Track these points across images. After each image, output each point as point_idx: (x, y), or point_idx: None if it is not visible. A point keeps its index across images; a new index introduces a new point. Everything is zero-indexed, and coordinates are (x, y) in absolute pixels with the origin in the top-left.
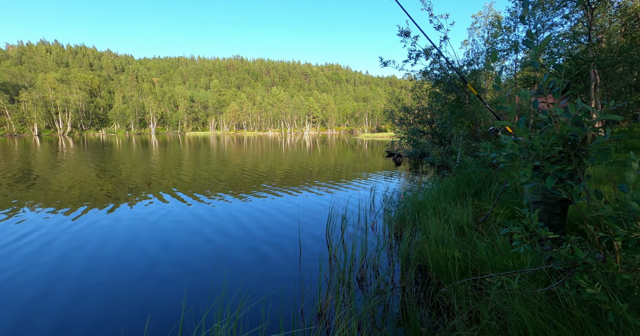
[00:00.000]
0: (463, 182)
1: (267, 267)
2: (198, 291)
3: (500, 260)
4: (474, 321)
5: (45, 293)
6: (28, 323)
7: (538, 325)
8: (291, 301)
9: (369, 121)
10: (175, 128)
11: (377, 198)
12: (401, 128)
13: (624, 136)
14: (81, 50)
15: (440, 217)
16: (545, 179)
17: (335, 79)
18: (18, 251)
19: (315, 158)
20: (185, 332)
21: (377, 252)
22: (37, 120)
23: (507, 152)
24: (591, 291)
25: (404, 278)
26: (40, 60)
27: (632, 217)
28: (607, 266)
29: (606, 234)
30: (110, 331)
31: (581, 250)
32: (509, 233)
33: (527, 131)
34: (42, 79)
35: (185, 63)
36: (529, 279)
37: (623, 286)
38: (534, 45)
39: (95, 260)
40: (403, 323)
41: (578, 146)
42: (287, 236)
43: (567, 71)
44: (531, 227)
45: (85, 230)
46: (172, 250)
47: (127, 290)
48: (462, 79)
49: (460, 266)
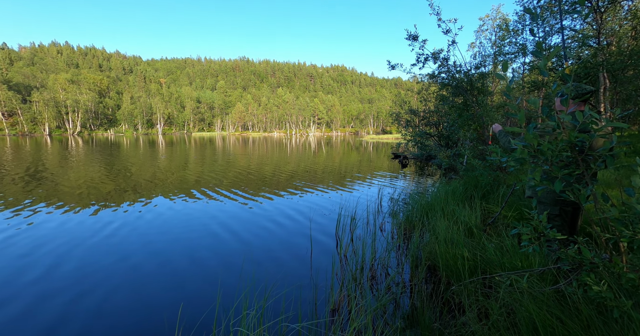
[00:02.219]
0: (471, 184)
1: (281, 266)
2: (229, 284)
3: (509, 260)
4: (484, 317)
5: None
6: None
7: (546, 320)
8: (306, 297)
9: (374, 123)
10: (181, 129)
11: (385, 199)
12: (407, 130)
13: (629, 142)
14: (91, 52)
15: (449, 218)
16: (554, 183)
17: (340, 81)
18: (101, 240)
19: (320, 160)
20: (219, 317)
21: (386, 252)
22: (48, 120)
23: (517, 157)
24: (597, 289)
25: (414, 277)
26: (52, 61)
27: (638, 220)
28: (613, 266)
29: (612, 236)
30: (155, 313)
31: (588, 251)
32: (518, 234)
33: (536, 137)
34: (53, 79)
35: (192, 64)
36: (537, 278)
37: (628, 284)
38: (543, 55)
39: (144, 247)
40: (414, 319)
41: (585, 151)
42: (299, 235)
43: (575, 75)
44: (540, 228)
45: (135, 222)
46: (204, 245)
47: (169, 277)
48: (470, 83)
49: (470, 266)
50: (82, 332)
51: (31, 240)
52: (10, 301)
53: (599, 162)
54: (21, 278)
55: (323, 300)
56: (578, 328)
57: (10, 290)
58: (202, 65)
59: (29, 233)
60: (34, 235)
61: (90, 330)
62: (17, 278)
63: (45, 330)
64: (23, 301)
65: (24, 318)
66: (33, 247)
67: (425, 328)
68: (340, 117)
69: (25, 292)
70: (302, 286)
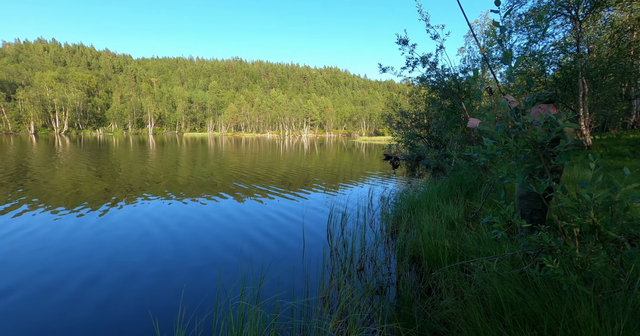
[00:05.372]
0: (456, 183)
1: (276, 255)
2: (229, 265)
3: (484, 249)
4: (460, 298)
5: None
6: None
7: (508, 295)
8: (300, 283)
9: (367, 124)
10: (173, 129)
11: (375, 198)
12: (399, 131)
13: (580, 141)
14: (79, 49)
15: (433, 213)
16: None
17: (333, 82)
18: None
19: (314, 161)
20: (222, 290)
21: (374, 246)
22: (34, 119)
23: (487, 152)
24: (551, 267)
25: (400, 266)
26: (38, 59)
27: (586, 208)
28: (566, 248)
29: (568, 223)
30: (176, 282)
31: (547, 236)
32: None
33: (504, 135)
34: (39, 77)
35: (184, 64)
36: (508, 264)
37: (578, 264)
38: (510, 63)
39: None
40: (400, 302)
41: (546, 148)
42: (292, 230)
43: (556, 80)
44: (508, 217)
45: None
46: (209, 235)
47: (182, 258)
48: (457, 86)
49: (450, 254)
50: (94, 315)
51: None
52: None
53: (558, 158)
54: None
55: (314, 284)
56: (533, 300)
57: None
58: (195, 65)
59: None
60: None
61: (101, 314)
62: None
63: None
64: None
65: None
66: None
67: (408, 310)
68: (333, 119)
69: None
70: (297, 273)
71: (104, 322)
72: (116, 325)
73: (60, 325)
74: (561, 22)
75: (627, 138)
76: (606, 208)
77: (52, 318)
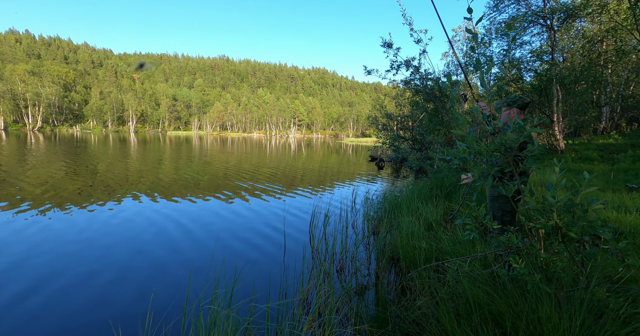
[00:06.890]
0: (436, 184)
1: (256, 257)
2: (201, 268)
3: (459, 250)
4: (433, 298)
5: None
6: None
7: (476, 295)
8: (276, 285)
9: (354, 126)
10: (156, 127)
11: (359, 199)
12: (384, 133)
13: (546, 146)
14: (55, 42)
15: (412, 215)
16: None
17: (321, 83)
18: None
19: (300, 161)
20: (191, 294)
21: (355, 246)
22: (4, 114)
23: (460, 156)
24: (517, 266)
25: (379, 267)
26: (9, 51)
27: (550, 209)
28: (532, 249)
29: (534, 224)
30: (144, 287)
31: (515, 237)
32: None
33: (475, 139)
34: (10, 70)
35: (169, 60)
36: (480, 264)
37: (542, 263)
38: (481, 70)
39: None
40: (376, 304)
41: (514, 152)
42: (273, 231)
43: (532, 87)
44: (479, 219)
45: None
46: (181, 236)
47: (154, 260)
48: (440, 90)
49: (426, 255)
50: (66, 319)
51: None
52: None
53: (526, 162)
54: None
55: (292, 286)
56: (499, 299)
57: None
58: (179, 62)
59: None
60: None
61: (70, 320)
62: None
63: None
64: None
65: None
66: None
67: (382, 311)
68: (320, 120)
69: None
70: (274, 274)
71: (63, 333)
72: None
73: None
74: (538, 31)
75: (597, 144)
76: (568, 210)
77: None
